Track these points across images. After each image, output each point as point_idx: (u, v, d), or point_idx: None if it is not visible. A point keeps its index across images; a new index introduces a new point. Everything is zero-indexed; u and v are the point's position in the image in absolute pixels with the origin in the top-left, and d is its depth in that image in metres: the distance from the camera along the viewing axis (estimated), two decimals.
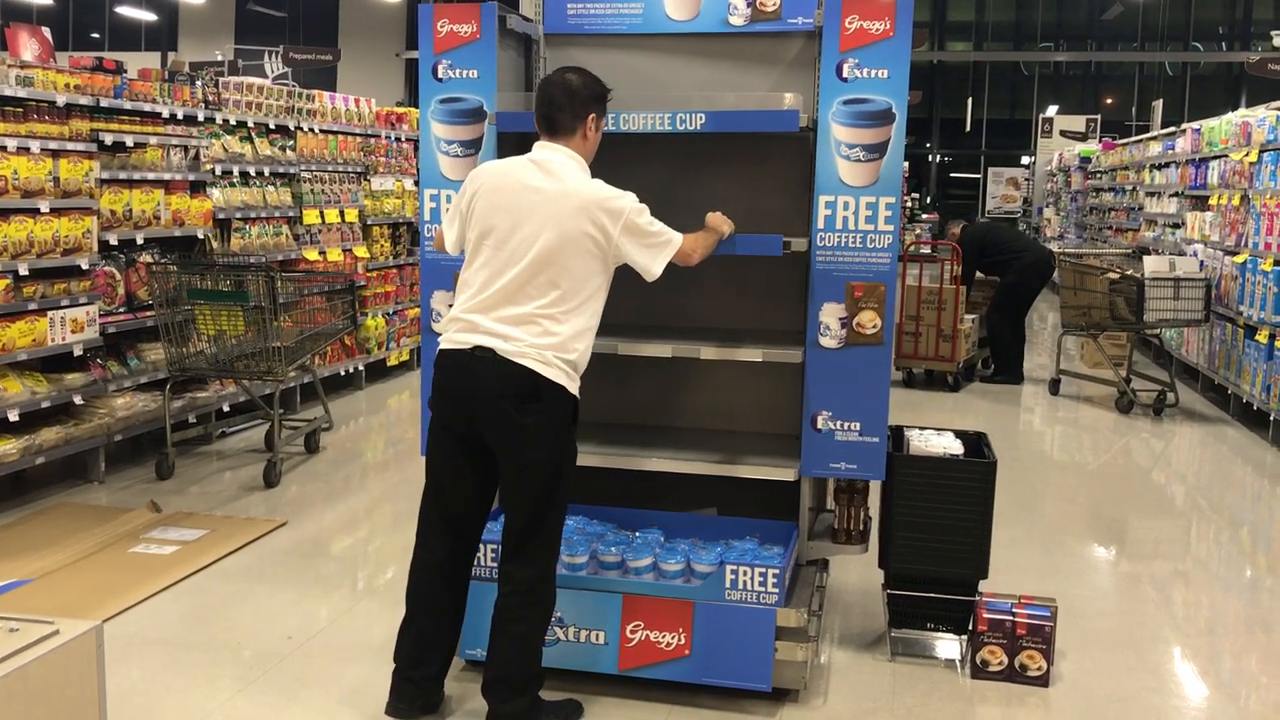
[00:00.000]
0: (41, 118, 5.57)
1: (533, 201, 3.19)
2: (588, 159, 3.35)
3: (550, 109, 3.29)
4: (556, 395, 3.16)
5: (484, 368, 3.13)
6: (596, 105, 3.33)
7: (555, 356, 3.14)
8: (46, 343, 5.52)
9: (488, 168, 3.37)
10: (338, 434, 7.16)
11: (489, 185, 3.27)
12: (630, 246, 3.24)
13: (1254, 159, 8.20)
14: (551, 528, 3.26)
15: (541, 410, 3.14)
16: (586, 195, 3.20)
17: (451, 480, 3.31)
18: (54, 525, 5.22)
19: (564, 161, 3.27)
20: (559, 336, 3.16)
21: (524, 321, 3.15)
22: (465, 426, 3.22)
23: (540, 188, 3.21)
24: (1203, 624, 4.56)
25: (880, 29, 3.52)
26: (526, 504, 3.21)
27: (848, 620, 4.35)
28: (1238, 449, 7.46)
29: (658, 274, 3.31)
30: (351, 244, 8.40)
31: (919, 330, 9.02)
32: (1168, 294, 8.19)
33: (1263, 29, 26.56)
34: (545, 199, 3.19)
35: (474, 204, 3.28)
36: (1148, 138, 13.77)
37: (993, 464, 3.88)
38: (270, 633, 4.13)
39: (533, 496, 3.20)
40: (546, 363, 3.13)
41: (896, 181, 3.59)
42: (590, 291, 3.23)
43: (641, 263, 3.28)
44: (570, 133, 3.29)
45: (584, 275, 3.19)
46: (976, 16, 29.78)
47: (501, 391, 3.12)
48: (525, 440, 3.15)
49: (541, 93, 3.32)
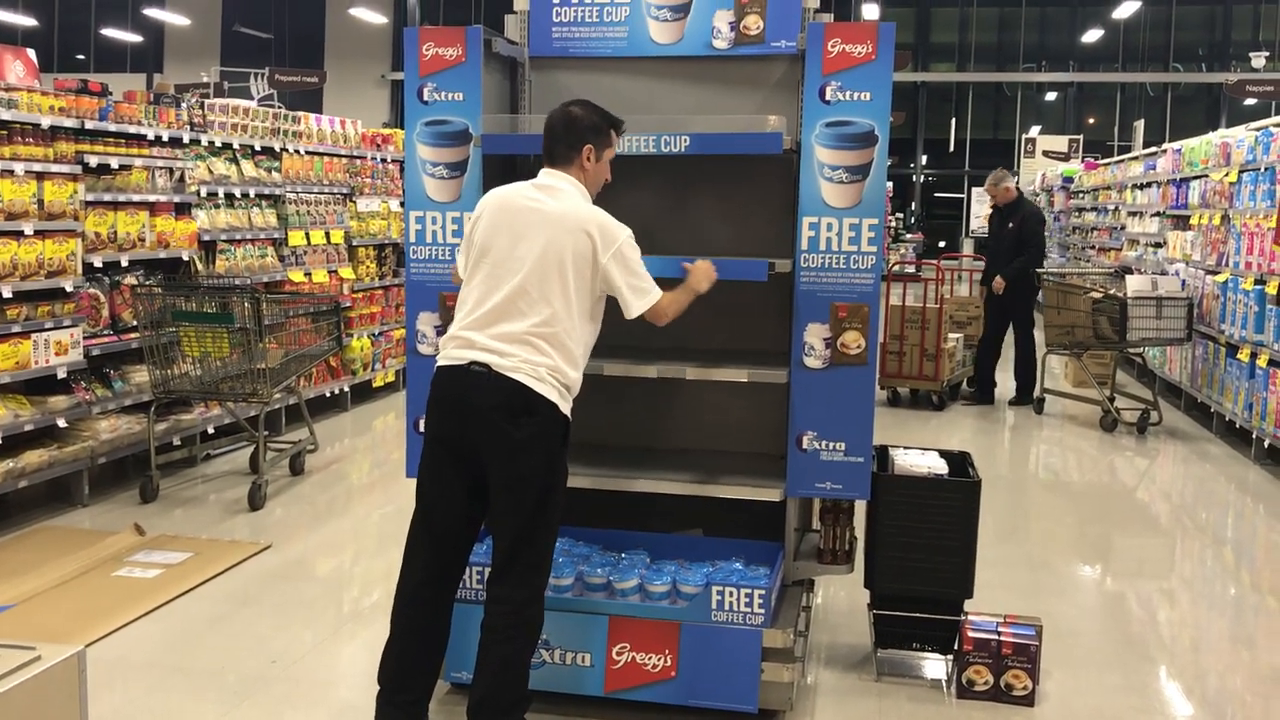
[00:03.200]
0: (26, 140, 5.56)
1: (531, 220, 3.25)
2: (590, 188, 3.39)
3: (549, 138, 3.37)
4: (549, 411, 3.18)
5: (479, 381, 3.16)
6: (594, 137, 3.35)
7: (549, 374, 3.18)
8: (30, 365, 5.50)
9: (494, 192, 3.42)
10: (323, 456, 7.14)
11: (493, 206, 3.34)
12: (616, 275, 3.26)
13: (1234, 179, 8.28)
14: (540, 548, 3.26)
15: (534, 424, 3.16)
16: (584, 215, 3.26)
17: (440, 499, 3.30)
18: (37, 549, 5.19)
19: (565, 187, 3.32)
20: (552, 354, 3.19)
21: (518, 338, 3.18)
22: (458, 441, 3.23)
23: (540, 207, 3.27)
24: (1188, 642, 4.58)
25: (862, 52, 3.55)
26: (514, 521, 3.20)
27: (834, 640, 4.35)
28: (1221, 467, 7.50)
29: (634, 316, 3.32)
30: (337, 265, 8.39)
31: (903, 350, 9.03)
32: (1150, 313, 8.25)
33: (1241, 50, 26.86)
34: (544, 217, 3.24)
35: (478, 225, 3.34)
36: (1129, 158, 13.89)
37: (977, 483, 3.90)
38: (254, 657, 4.11)
39: (521, 513, 3.20)
40: (540, 379, 3.16)
41: (879, 203, 3.61)
42: (583, 312, 3.26)
43: (624, 295, 3.29)
44: (568, 162, 3.35)
45: (577, 294, 3.23)
46: (959, 38, 30.05)
47: (495, 404, 3.14)
48: (517, 453, 3.17)
49: (546, 122, 3.40)
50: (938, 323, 8.95)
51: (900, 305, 9.05)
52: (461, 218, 3.81)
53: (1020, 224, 9.17)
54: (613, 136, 3.42)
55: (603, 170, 3.42)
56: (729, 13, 3.87)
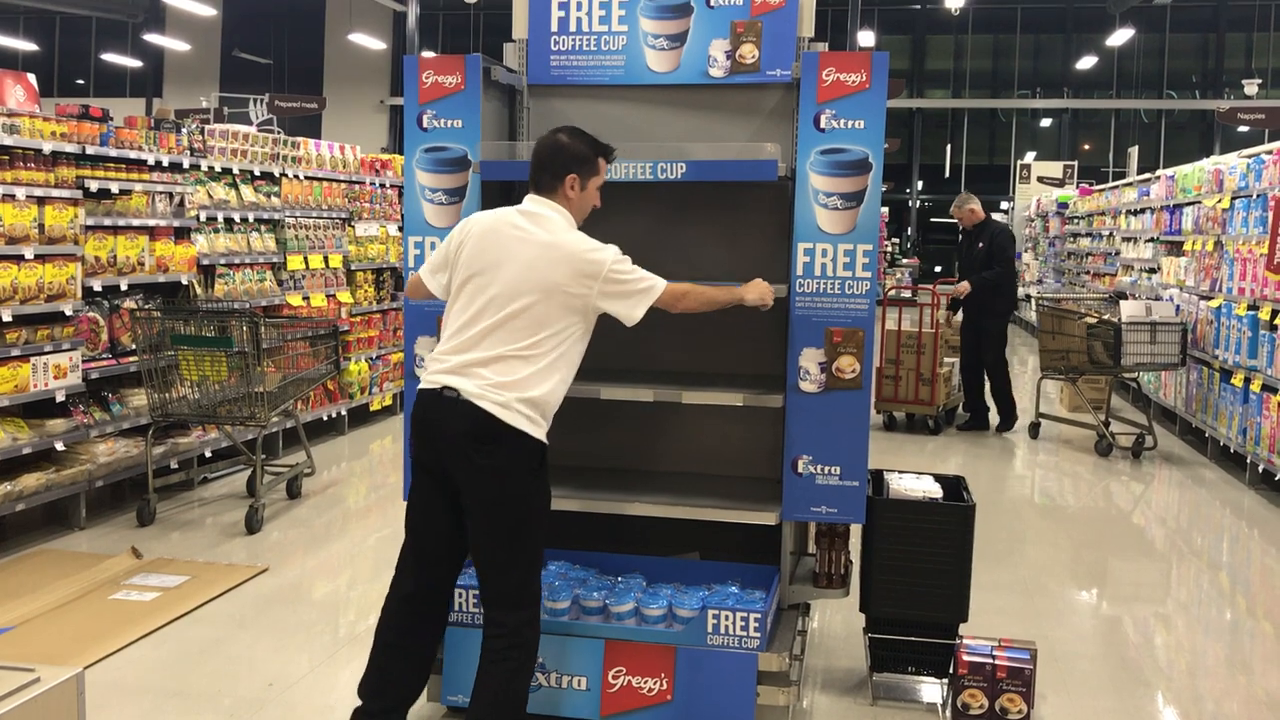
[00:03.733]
0: (28, 165, 5.60)
1: (515, 249, 3.26)
2: (576, 216, 3.39)
3: (536, 165, 3.39)
4: (515, 440, 3.17)
5: (449, 407, 3.18)
6: (579, 166, 3.35)
7: (516, 400, 3.17)
8: (29, 388, 5.52)
9: (478, 216, 3.43)
10: (320, 479, 7.15)
11: (478, 231, 3.35)
12: (609, 300, 3.28)
13: (1226, 205, 8.34)
14: (522, 573, 3.26)
15: (499, 454, 3.17)
16: (568, 249, 3.25)
17: (424, 517, 3.34)
18: (34, 572, 5.19)
19: (550, 215, 3.33)
20: (524, 381, 3.18)
21: (491, 363, 3.20)
22: (434, 465, 3.27)
23: (525, 236, 3.28)
24: (1184, 667, 4.59)
25: (856, 81, 3.60)
26: (490, 545, 3.23)
27: (830, 664, 4.36)
28: (1216, 491, 7.52)
29: (638, 319, 3.33)
30: (335, 289, 8.43)
31: (899, 374, 9.07)
32: (1144, 338, 8.29)
33: (1234, 78, 27.06)
34: (528, 246, 3.26)
35: (462, 249, 3.35)
36: (1123, 184, 13.97)
37: (971, 507, 3.92)
38: (251, 680, 4.11)
39: (496, 538, 3.22)
40: (505, 405, 3.16)
41: (874, 229, 3.65)
42: (565, 339, 3.27)
43: (621, 312, 3.31)
44: (552, 190, 3.36)
45: (560, 324, 3.24)
46: (954, 65, 30.27)
47: (462, 431, 3.17)
48: (483, 482, 3.20)
49: (534, 148, 3.43)
50: (933, 347, 8.97)
51: (896, 330, 9.08)
52: None
53: (989, 243, 9.18)
54: (600, 165, 3.42)
55: (589, 198, 3.43)
56: (725, 41, 3.92)
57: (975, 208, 9.33)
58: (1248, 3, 27.47)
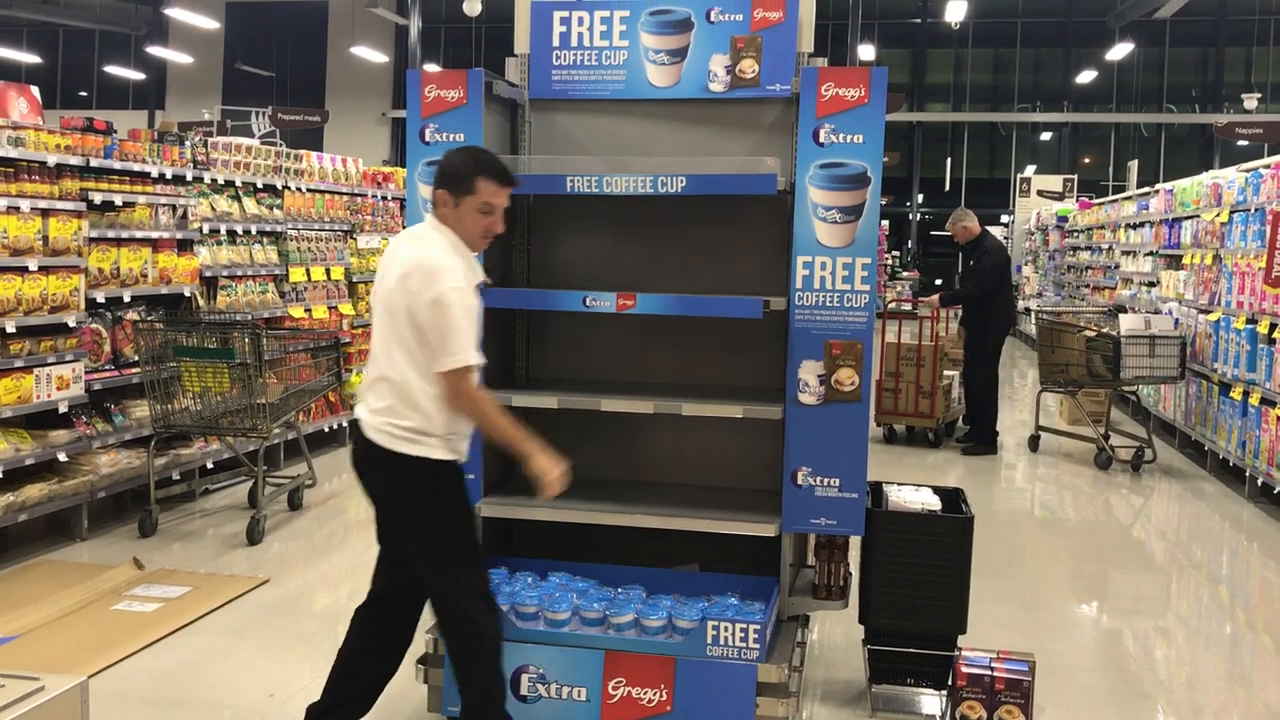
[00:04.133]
0: (32, 177, 5.64)
1: (385, 268, 3.28)
2: (463, 236, 3.24)
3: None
4: (398, 464, 3.21)
5: (354, 434, 3.34)
6: (449, 184, 3.21)
7: (391, 424, 3.20)
8: (32, 399, 5.54)
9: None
10: (321, 491, 7.16)
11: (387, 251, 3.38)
12: (428, 320, 3.09)
13: (1224, 219, 8.37)
14: (443, 586, 3.30)
15: (384, 480, 3.29)
16: (415, 260, 3.15)
17: (380, 534, 3.48)
18: (36, 582, 5.21)
19: (426, 234, 3.26)
20: (397, 406, 3.19)
21: (371, 388, 3.28)
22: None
23: (399, 254, 3.25)
24: (1183, 680, 4.60)
25: (855, 96, 3.63)
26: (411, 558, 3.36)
27: (830, 676, 4.37)
28: (1215, 505, 7.53)
29: (435, 370, 3.12)
30: (337, 301, 8.46)
31: (899, 386, 9.07)
32: (1144, 351, 8.31)
33: (1234, 92, 27.13)
34: (397, 264, 3.21)
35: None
36: (1123, 198, 14.01)
37: (970, 519, 3.93)
38: (252, 690, 4.13)
39: (411, 554, 3.35)
40: (382, 430, 3.22)
41: (872, 242, 3.68)
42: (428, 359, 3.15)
43: (433, 346, 3.11)
44: (432, 207, 3.29)
45: (417, 343, 3.14)
46: (954, 79, 30.35)
47: (356, 459, 3.34)
48: (382, 504, 3.36)
49: None
50: (934, 360, 8.99)
51: (896, 342, 9.10)
52: None
53: (978, 260, 9.05)
54: (479, 186, 3.19)
55: (469, 219, 3.22)
56: (725, 57, 3.96)
57: (969, 224, 9.08)
58: (1247, 17, 27.56)
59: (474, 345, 3.14)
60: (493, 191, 3.22)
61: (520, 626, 3.66)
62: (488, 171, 3.21)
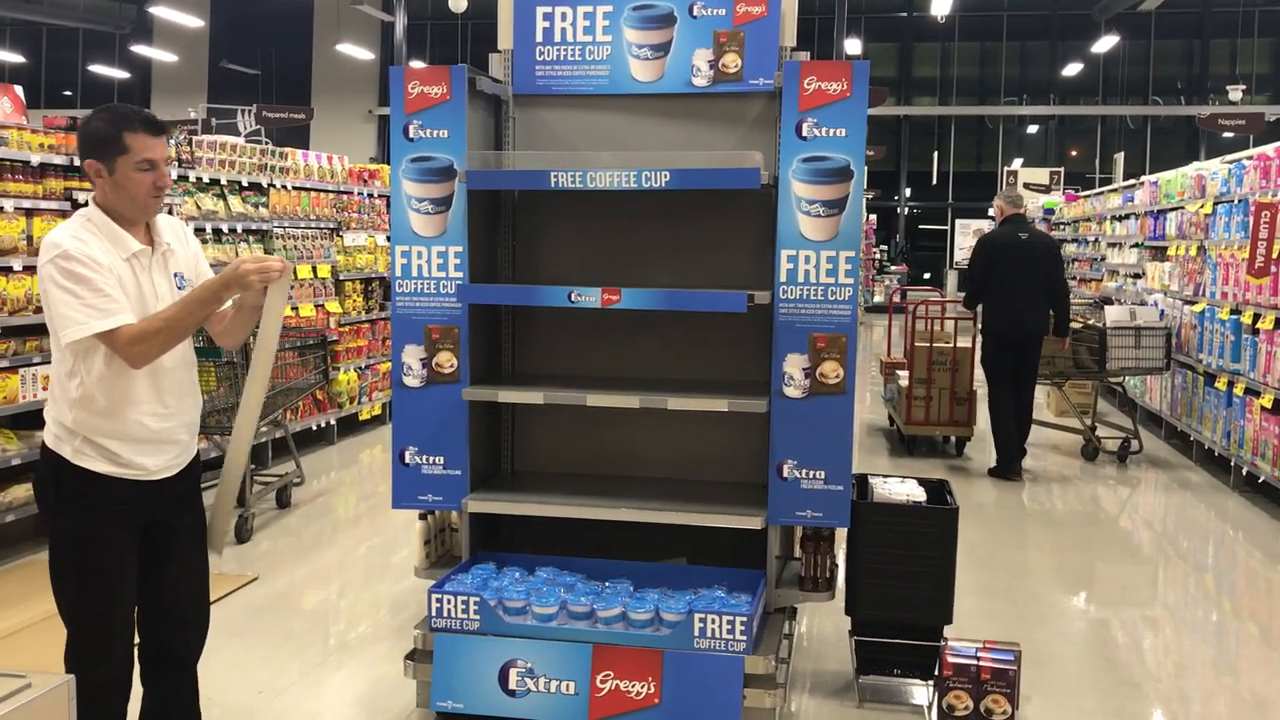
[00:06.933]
0: (15, 177, 5.62)
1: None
2: (126, 205, 2.91)
3: None
4: (45, 461, 2.96)
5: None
6: (93, 150, 2.88)
7: (52, 419, 2.95)
8: (18, 399, 5.52)
9: None
10: (309, 489, 7.16)
11: None
12: (49, 293, 2.80)
13: (1209, 211, 8.41)
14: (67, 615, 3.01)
15: (37, 478, 3.03)
16: (45, 246, 2.85)
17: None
18: (23, 583, 5.19)
19: (80, 214, 2.95)
20: (54, 397, 2.95)
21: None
22: None
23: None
24: (1170, 668, 4.63)
25: (838, 90, 3.64)
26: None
27: (818, 668, 4.39)
28: (1201, 495, 7.57)
29: (64, 343, 2.82)
30: (324, 299, 8.44)
31: (930, 394, 8.26)
32: (1129, 343, 8.35)
33: (1219, 83, 27.24)
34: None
35: None
36: (1109, 190, 14.06)
37: (954, 510, 3.96)
38: (240, 688, 4.13)
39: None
40: (46, 427, 2.97)
41: (856, 235, 3.69)
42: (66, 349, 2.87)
43: (51, 323, 2.85)
44: (91, 189, 2.99)
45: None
46: (941, 72, 30.40)
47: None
48: None
49: None
50: (970, 364, 8.23)
51: (927, 346, 8.29)
52: (447, 252, 3.87)
53: None
54: (127, 140, 2.86)
55: (131, 181, 2.88)
56: (708, 51, 3.97)
57: (999, 204, 8.12)
58: (1232, 9, 27.65)
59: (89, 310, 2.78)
60: (146, 144, 2.87)
61: (508, 621, 3.67)
62: (134, 124, 2.87)
